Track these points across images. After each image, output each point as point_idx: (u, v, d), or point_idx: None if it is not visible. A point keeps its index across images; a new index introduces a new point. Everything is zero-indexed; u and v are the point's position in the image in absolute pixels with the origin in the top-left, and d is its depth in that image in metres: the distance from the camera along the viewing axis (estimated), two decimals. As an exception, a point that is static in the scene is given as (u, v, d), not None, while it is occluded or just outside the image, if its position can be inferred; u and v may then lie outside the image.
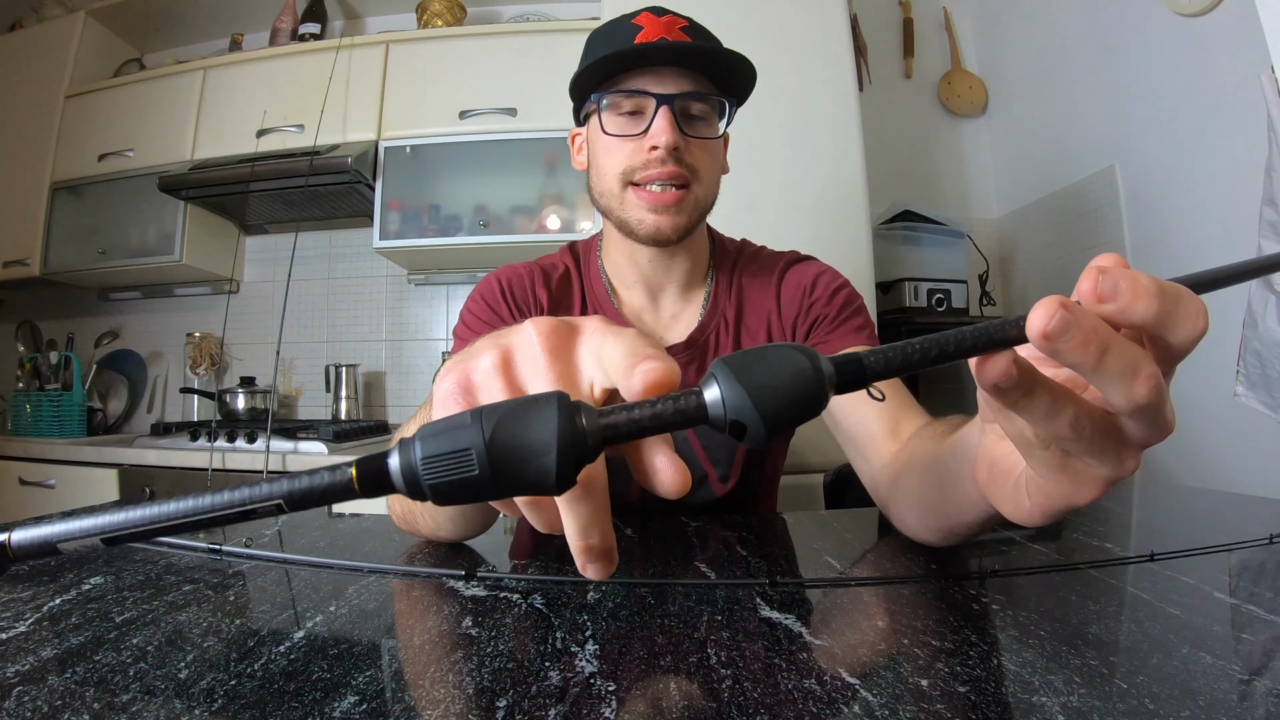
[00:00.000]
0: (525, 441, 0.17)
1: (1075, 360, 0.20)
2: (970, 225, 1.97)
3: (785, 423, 0.18)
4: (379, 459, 0.18)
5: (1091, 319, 0.20)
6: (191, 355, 2.05)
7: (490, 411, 0.18)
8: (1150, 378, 0.21)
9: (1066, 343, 0.20)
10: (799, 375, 0.18)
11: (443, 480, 0.17)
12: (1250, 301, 1.25)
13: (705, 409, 0.18)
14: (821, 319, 0.73)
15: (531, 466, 0.17)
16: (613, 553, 0.24)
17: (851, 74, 1.57)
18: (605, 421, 0.18)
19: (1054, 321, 0.19)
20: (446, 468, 0.17)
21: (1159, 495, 0.84)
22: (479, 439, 0.17)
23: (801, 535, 0.56)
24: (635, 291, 0.77)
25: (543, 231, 1.77)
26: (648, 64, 0.67)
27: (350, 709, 0.26)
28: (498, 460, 0.17)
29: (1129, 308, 0.20)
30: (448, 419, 0.18)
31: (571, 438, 0.17)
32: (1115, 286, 0.20)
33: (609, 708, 0.26)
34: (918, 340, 0.20)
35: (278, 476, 0.18)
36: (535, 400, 0.18)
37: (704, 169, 0.69)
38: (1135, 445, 0.24)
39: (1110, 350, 0.20)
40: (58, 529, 0.18)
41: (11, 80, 2.11)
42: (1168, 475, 1.50)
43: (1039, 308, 0.20)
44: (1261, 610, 0.35)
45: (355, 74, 1.85)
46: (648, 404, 0.18)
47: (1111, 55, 1.65)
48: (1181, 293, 0.21)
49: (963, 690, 0.26)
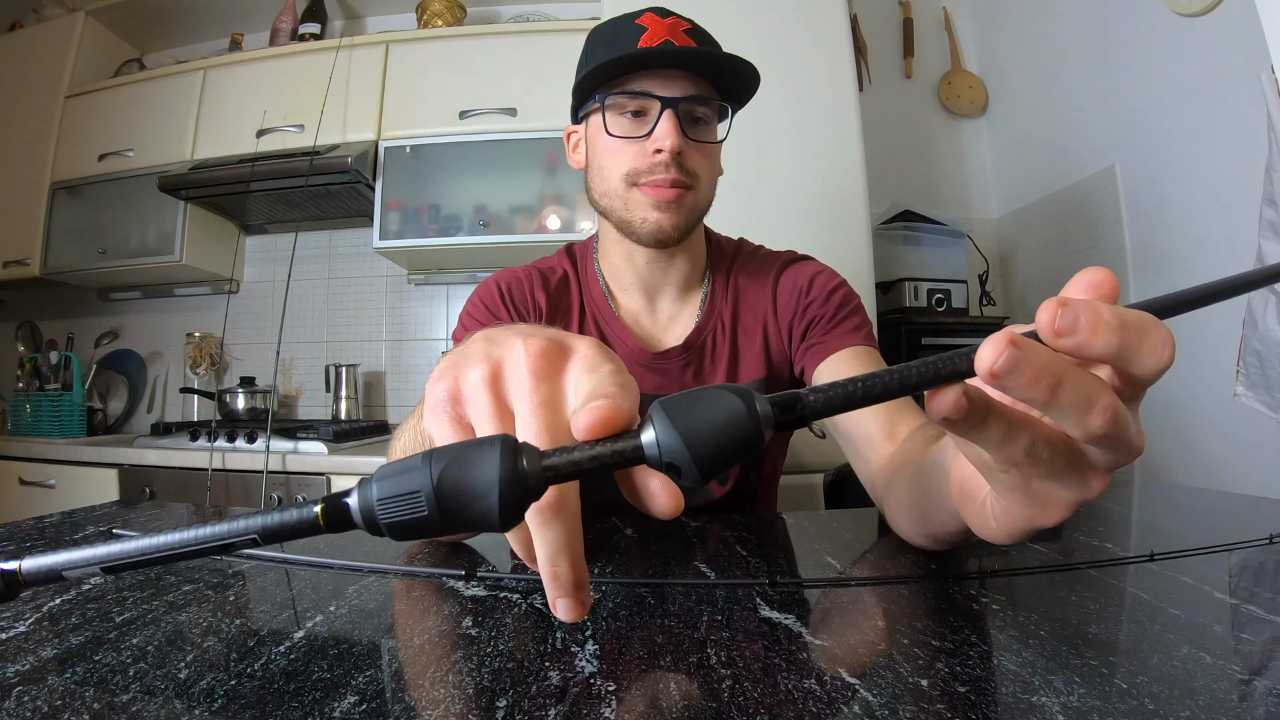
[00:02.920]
0: (470, 484, 0.18)
1: (1025, 396, 0.20)
2: (970, 225, 1.97)
3: (719, 464, 0.19)
4: (341, 498, 0.19)
5: (1043, 356, 0.19)
6: (191, 355, 2.05)
7: (439, 455, 0.19)
8: (1106, 409, 0.21)
9: (1015, 380, 0.19)
10: (732, 418, 0.19)
11: (397, 520, 0.18)
12: (1250, 301, 1.25)
13: (642, 451, 0.19)
14: (818, 319, 0.73)
15: (476, 508, 0.18)
16: (585, 590, 0.23)
17: (851, 74, 1.57)
18: (546, 464, 0.19)
19: (1001, 361, 0.19)
20: (399, 509, 0.18)
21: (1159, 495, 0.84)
22: (428, 482, 0.18)
23: (801, 535, 0.56)
24: (633, 294, 0.77)
25: (543, 231, 1.77)
26: (654, 67, 0.67)
27: (350, 709, 0.26)
28: (445, 502, 0.18)
29: (1087, 343, 0.20)
30: (402, 462, 0.19)
31: (513, 480, 0.18)
32: (1075, 321, 0.19)
33: (609, 708, 0.26)
34: (861, 377, 0.20)
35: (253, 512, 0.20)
36: (481, 444, 0.19)
37: (703, 173, 0.70)
38: (1100, 468, 0.24)
39: (1063, 386, 0.20)
40: (62, 559, 0.20)
41: (11, 80, 2.11)
42: (1168, 475, 1.50)
43: (988, 344, 0.19)
44: (1261, 610, 0.35)
45: (355, 74, 1.85)
46: (587, 446, 0.19)
47: (1111, 55, 1.65)
48: (1145, 325, 0.20)
49: (963, 690, 0.27)
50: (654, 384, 0.75)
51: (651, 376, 0.75)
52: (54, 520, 0.62)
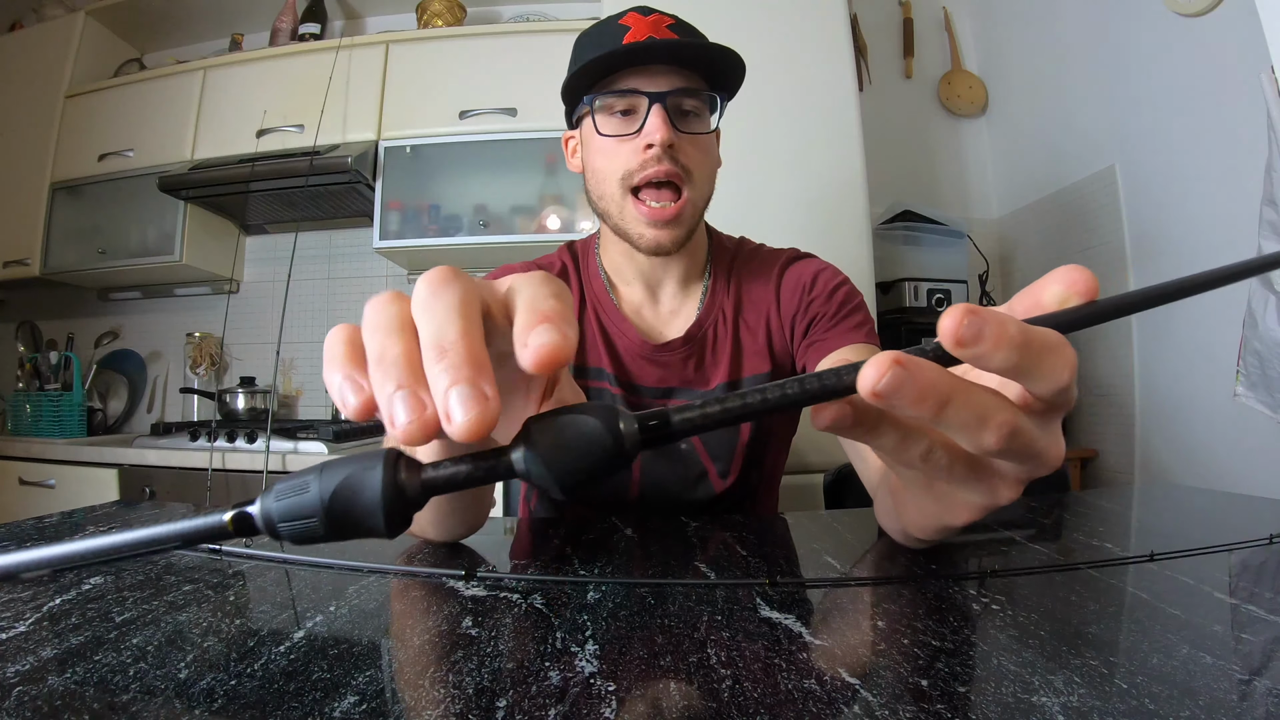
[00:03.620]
0: (357, 500, 0.20)
1: (912, 414, 0.20)
2: (970, 225, 1.97)
3: (579, 482, 0.20)
4: (246, 506, 0.21)
5: (929, 373, 0.19)
6: (191, 355, 2.05)
7: (329, 472, 0.20)
8: (1001, 426, 0.20)
9: (899, 400, 0.19)
10: (592, 439, 0.20)
11: (292, 530, 0.20)
12: (1250, 301, 1.26)
13: (513, 466, 0.21)
14: (820, 316, 0.74)
15: (364, 524, 0.20)
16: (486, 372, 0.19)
17: (851, 74, 1.57)
18: (425, 478, 0.20)
19: (884, 381, 0.19)
20: (296, 520, 0.20)
21: (1159, 495, 0.84)
22: (317, 501, 0.20)
23: (801, 535, 0.56)
24: (634, 288, 0.78)
25: (542, 232, 1.77)
26: (638, 63, 0.67)
27: (350, 709, 0.26)
28: (334, 517, 0.20)
29: (986, 356, 0.19)
30: (297, 480, 0.20)
31: (394, 493, 0.20)
32: (979, 332, 0.19)
33: (609, 708, 0.26)
34: (739, 393, 0.21)
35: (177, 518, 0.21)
36: (365, 461, 0.20)
37: (697, 167, 0.70)
38: (1008, 477, 0.23)
39: (951, 404, 0.20)
40: (17, 559, 0.21)
41: (11, 80, 2.11)
42: (1168, 475, 1.50)
43: (871, 364, 0.19)
44: (1261, 610, 0.35)
45: (355, 74, 1.85)
46: (465, 461, 0.21)
47: (1111, 55, 1.65)
48: (1049, 346, 0.20)
49: (963, 690, 0.27)
50: (655, 376, 0.75)
51: (653, 369, 0.75)
52: (54, 520, 0.62)
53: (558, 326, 0.20)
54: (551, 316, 0.21)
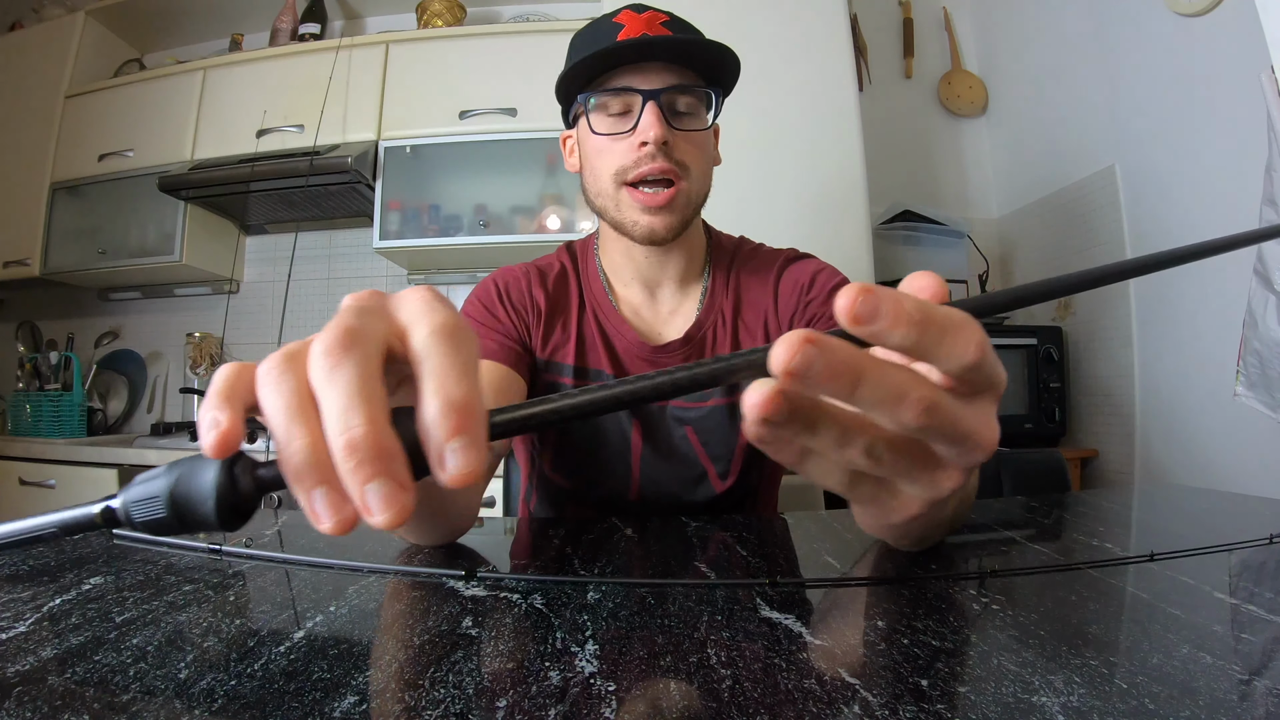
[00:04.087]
0: (194, 493, 0.21)
1: (828, 393, 0.20)
2: (970, 225, 1.97)
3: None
4: (111, 501, 0.23)
5: (842, 351, 0.19)
6: (191, 355, 2.05)
7: (175, 467, 0.22)
8: (918, 402, 0.20)
9: (812, 377, 0.19)
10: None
11: (145, 520, 0.22)
12: (1250, 301, 1.26)
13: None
14: (818, 317, 0.73)
15: (199, 512, 0.21)
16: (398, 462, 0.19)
17: (851, 74, 1.57)
18: (258, 475, 0.22)
19: (796, 359, 0.18)
20: (147, 511, 0.22)
21: (1159, 495, 0.84)
22: (165, 491, 0.22)
23: (802, 535, 0.56)
24: (633, 288, 0.78)
25: (542, 231, 1.77)
26: (631, 61, 0.67)
27: (350, 709, 0.26)
28: (177, 506, 0.21)
29: (884, 333, 0.19)
30: (152, 473, 0.22)
31: (227, 490, 0.21)
32: (875, 309, 0.19)
33: (609, 708, 0.26)
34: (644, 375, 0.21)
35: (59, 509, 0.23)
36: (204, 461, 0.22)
37: (693, 163, 0.69)
38: (948, 465, 0.23)
39: (865, 380, 0.19)
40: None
41: (11, 80, 2.11)
42: (1168, 475, 1.50)
43: (780, 344, 0.19)
44: (1261, 610, 0.35)
45: (355, 74, 1.85)
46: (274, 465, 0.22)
47: (1111, 55, 1.65)
48: (952, 323, 0.20)
49: (963, 690, 0.27)
50: None
51: (652, 370, 0.75)
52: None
53: (472, 437, 0.20)
54: (462, 419, 0.20)
